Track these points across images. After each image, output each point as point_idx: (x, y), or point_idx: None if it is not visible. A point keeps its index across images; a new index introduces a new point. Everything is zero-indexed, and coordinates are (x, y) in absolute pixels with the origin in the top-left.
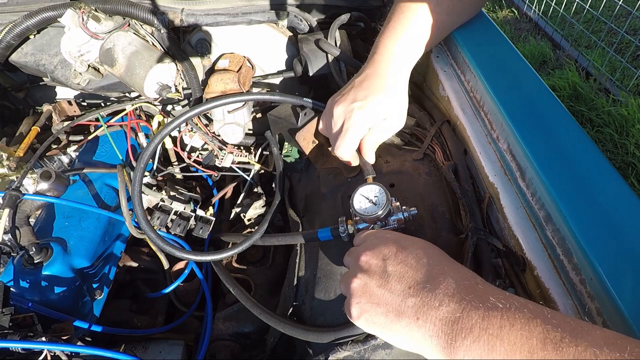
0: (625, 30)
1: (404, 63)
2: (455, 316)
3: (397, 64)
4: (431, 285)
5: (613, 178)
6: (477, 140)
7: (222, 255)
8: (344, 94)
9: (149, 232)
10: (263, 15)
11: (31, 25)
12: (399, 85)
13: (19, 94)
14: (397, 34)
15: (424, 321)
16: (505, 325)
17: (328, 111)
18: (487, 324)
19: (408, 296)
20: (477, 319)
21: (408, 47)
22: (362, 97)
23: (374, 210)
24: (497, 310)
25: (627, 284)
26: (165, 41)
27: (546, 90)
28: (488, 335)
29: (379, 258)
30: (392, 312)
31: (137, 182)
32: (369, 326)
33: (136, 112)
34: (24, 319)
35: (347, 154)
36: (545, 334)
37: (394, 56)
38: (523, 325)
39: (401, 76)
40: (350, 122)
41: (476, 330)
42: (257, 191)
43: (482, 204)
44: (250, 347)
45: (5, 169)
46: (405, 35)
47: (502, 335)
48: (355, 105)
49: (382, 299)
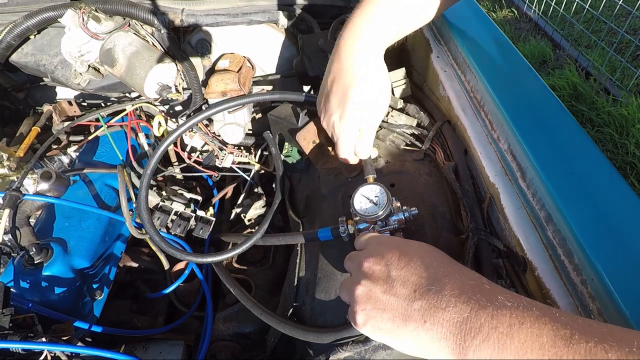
0: (625, 30)
1: (369, 52)
2: (463, 316)
3: (362, 56)
4: (437, 288)
5: (613, 178)
6: (478, 141)
7: (224, 256)
8: (322, 102)
9: (155, 236)
10: (263, 16)
11: (31, 25)
12: (369, 73)
13: (19, 94)
14: (358, 21)
15: (432, 324)
16: (514, 324)
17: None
18: (496, 323)
19: (414, 300)
20: (486, 318)
21: (371, 33)
22: (336, 106)
23: (375, 210)
24: (505, 309)
25: (628, 284)
26: (165, 41)
27: (546, 90)
28: (498, 333)
29: (382, 264)
30: (398, 317)
31: (143, 187)
32: (375, 333)
33: (136, 113)
34: (24, 320)
35: (349, 158)
36: (555, 331)
37: (357, 50)
38: (532, 323)
39: (370, 63)
40: (337, 134)
41: (485, 329)
42: (257, 191)
43: (482, 204)
44: (251, 347)
45: (5, 170)
46: (366, 22)
47: (512, 333)
48: (334, 118)
49: (387, 305)
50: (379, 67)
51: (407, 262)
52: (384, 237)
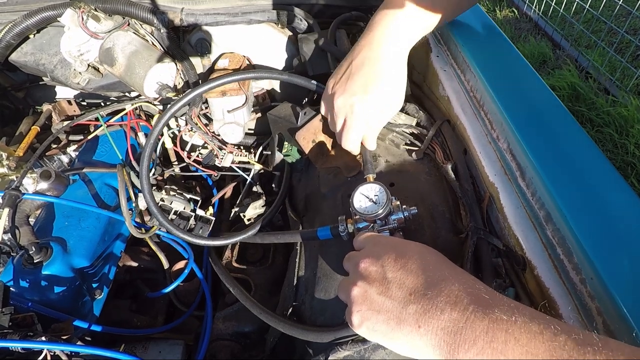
0: (625, 30)
1: (403, 45)
2: (458, 326)
3: (396, 46)
4: (432, 293)
5: (613, 178)
6: (477, 140)
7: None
8: (342, 82)
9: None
10: (263, 15)
11: (31, 24)
12: (398, 71)
13: (19, 94)
14: (395, 11)
15: (426, 330)
16: (510, 340)
17: (329, 97)
18: (491, 337)
19: (409, 303)
20: (481, 331)
21: (408, 26)
22: (361, 89)
23: (374, 209)
24: (502, 323)
25: (627, 283)
26: (165, 41)
27: (546, 90)
28: (492, 349)
29: (378, 265)
30: (393, 319)
31: (146, 157)
32: (370, 334)
33: (136, 112)
34: (23, 319)
35: (354, 148)
36: (552, 352)
37: (393, 36)
38: (529, 341)
39: (401, 60)
40: (353, 117)
41: (480, 342)
42: (256, 191)
43: (482, 203)
44: (250, 346)
45: (5, 169)
46: (404, 13)
47: (506, 351)
48: (355, 99)
49: (382, 306)
50: (404, 69)
51: (403, 264)
52: (382, 237)
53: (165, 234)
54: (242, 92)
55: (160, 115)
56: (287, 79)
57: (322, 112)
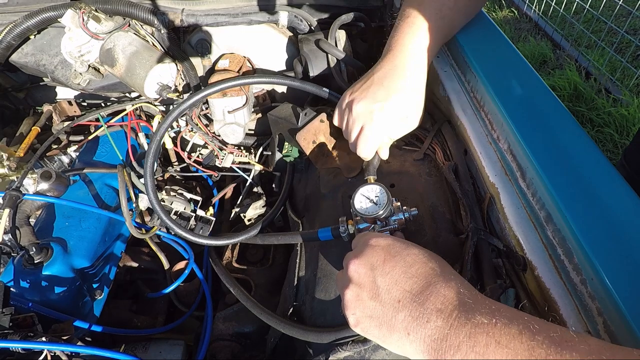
0: (626, 30)
1: (423, 59)
2: (443, 333)
3: (417, 60)
4: (420, 300)
5: (613, 178)
6: (478, 141)
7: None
8: (363, 90)
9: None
10: (263, 16)
11: (31, 25)
12: (419, 85)
13: (19, 94)
14: (415, 28)
15: (414, 337)
16: (491, 343)
17: (346, 105)
18: (473, 342)
19: (398, 310)
20: (464, 337)
21: (427, 41)
22: (383, 97)
23: (375, 210)
24: (483, 327)
25: (628, 284)
26: (165, 41)
27: (546, 90)
28: (475, 353)
29: (367, 267)
30: (384, 325)
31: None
32: (365, 334)
33: (136, 113)
34: (24, 319)
35: (369, 155)
36: (531, 351)
37: (413, 51)
38: (509, 342)
39: (421, 73)
40: (373, 125)
41: (464, 347)
42: (257, 191)
43: (482, 204)
44: (251, 347)
45: (5, 169)
46: (423, 29)
47: (488, 353)
48: (376, 106)
49: (374, 312)
50: (424, 83)
51: (392, 267)
52: (373, 238)
53: (165, 234)
54: (242, 93)
55: (170, 111)
56: (299, 86)
57: (336, 121)
